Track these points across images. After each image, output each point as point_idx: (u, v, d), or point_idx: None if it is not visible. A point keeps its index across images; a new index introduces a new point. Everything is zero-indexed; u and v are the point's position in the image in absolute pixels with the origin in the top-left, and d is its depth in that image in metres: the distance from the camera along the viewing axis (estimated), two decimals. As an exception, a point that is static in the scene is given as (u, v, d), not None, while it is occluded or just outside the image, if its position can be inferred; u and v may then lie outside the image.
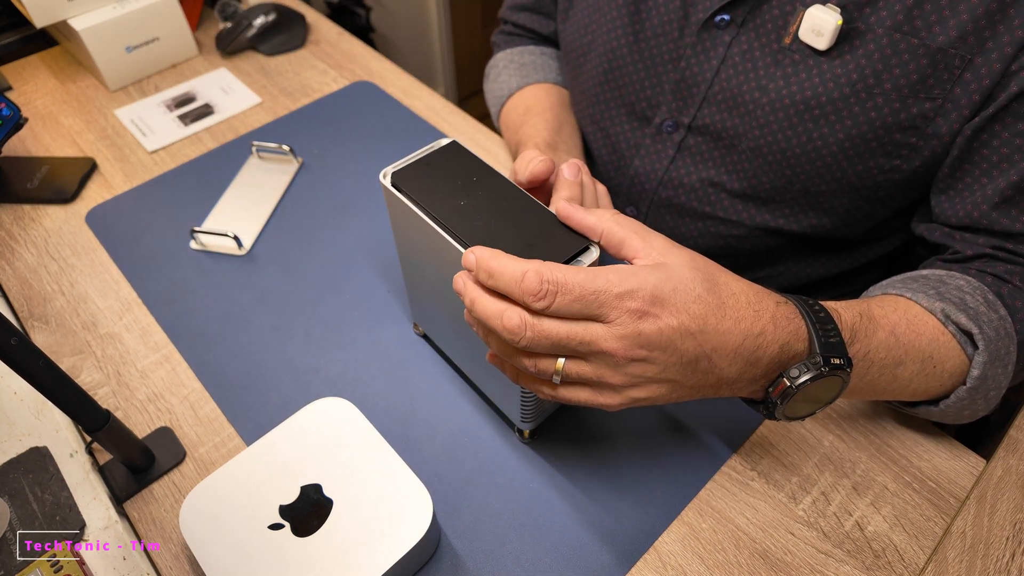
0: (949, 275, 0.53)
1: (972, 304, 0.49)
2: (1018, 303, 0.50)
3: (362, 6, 1.99)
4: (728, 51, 0.61)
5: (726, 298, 0.39)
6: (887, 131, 0.57)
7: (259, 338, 0.62)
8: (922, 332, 0.48)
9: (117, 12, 0.85)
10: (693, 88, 0.65)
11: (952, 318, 0.49)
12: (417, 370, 0.60)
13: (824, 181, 0.62)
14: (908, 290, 0.51)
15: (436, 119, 0.84)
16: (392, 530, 0.45)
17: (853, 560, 0.49)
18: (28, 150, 0.81)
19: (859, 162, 0.59)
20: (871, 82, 0.55)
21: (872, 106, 0.56)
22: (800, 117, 0.59)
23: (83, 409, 0.46)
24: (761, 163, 0.64)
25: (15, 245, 0.70)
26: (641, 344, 0.36)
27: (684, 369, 0.38)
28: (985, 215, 0.54)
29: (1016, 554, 0.48)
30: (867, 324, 0.45)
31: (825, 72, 0.57)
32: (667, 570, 0.49)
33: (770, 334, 0.39)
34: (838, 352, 0.40)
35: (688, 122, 0.67)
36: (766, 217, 0.68)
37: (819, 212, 0.66)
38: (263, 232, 0.71)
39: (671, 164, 0.70)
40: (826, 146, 0.59)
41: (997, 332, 0.49)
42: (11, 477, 0.51)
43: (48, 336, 0.62)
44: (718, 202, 0.69)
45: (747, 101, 0.62)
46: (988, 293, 0.50)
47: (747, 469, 0.53)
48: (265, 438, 0.50)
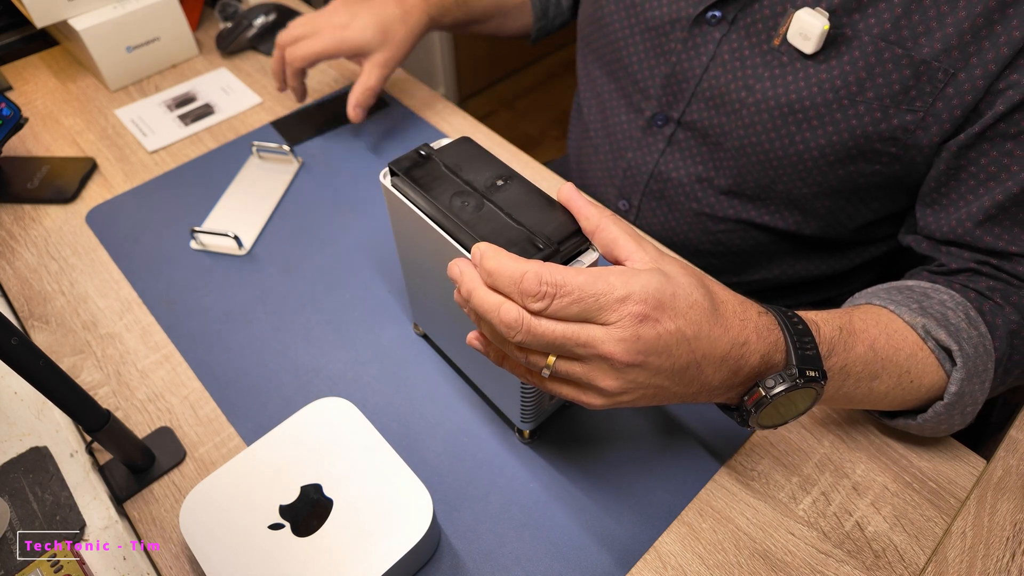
0: (934, 288, 0.53)
1: (953, 320, 0.49)
2: (998, 320, 0.50)
3: (362, 6, 1.99)
4: (718, 48, 0.62)
5: (718, 304, 0.39)
6: (867, 140, 0.57)
7: (259, 338, 0.62)
8: (901, 347, 0.48)
9: (117, 12, 0.85)
10: (683, 83, 0.65)
11: (932, 334, 0.49)
12: (417, 370, 0.60)
13: (805, 184, 0.62)
14: (892, 302, 0.51)
15: (436, 119, 0.84)
16: (392, 530, 0.45)
17: (853, 560, 0.49)
18: (28, 150, 0.81)
19: (839, 167, 0.60)
20: (854, 89, 0.55)
21: (854, 114, 0.56)
22: (784, 120, 0.59)
23: (83, 409, 0.46)
24: (745, 162, 0.64)
25: (15, 245, 0.70)
26: (640, 349, 0.36)
27: (674, 375, 0.38)
28: (969, 232, 0.54)
29: (1016, 554, 0.48)
30: (846, 338, 0.45)
31: (811, 76, 0.57)
32: (667, 570, 0.49)
33: (753, 344, 0.39)
34: (814, 365, 0.40)
35: (677, 117, 0.67)
36: (752, 214, 0.68)
37: (803, 212, 0.66)
38: (263, 232, 0.71)
39: (661, 158, 0.71)
40: (807, 150, 0.60)
41: (976, 349, 0.49)
42: (11, 477, 0.51)
43: (48, 336, 0.62)
44: (705, 198, 0.70)
45: (733, 100, 0.62)
46: (970, 309, 0.50)
47: (747, 469, 0.53)
48: (265, 438, 0.50)
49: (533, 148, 2.10)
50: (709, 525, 0.51)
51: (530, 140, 2.15)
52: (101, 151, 0.81)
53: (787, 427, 0.56)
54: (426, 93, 0.88)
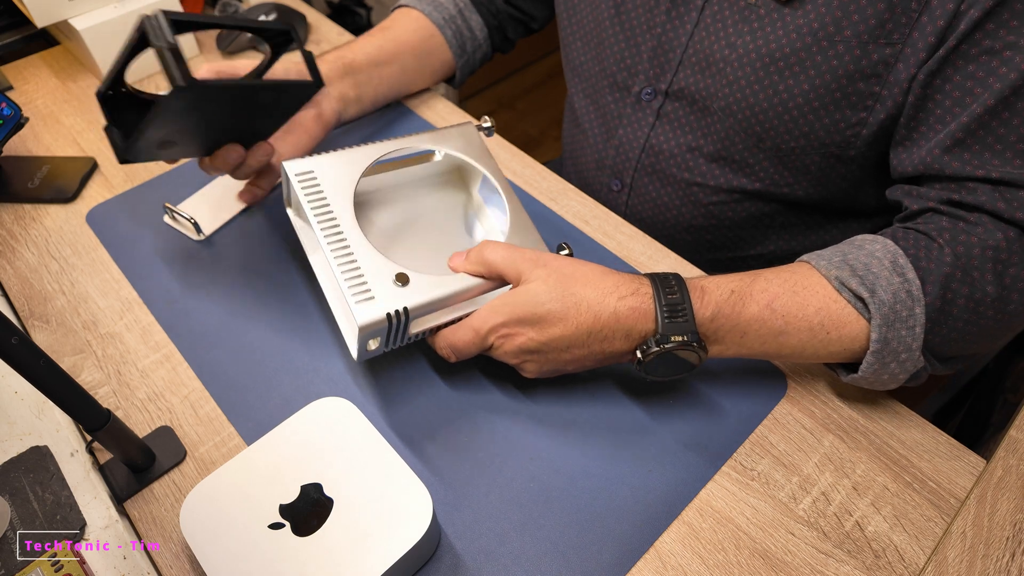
0: (871, 239, 0.53)
1: (875, 269, 0.50)
2: (931, 265, 0.50)
3: (363, 6, 1.99)
4: (701, 15, 0.63)
5: (569, 306, 0.50)
6: (850, 80, 0.57)
7: (259, 338, 0.62)
8: (808, 302, 0.51)
9: (118, 12, 0.85)
10: (669, 54, 0.66)
11: (846, 284, 0.50)
12: (417, 370, 0.60)
13: (792, 137, 0.63)
14: (817, 256, 0.53)
15: (436, 119, 0.84)
16: (392, 530, 0.45)
17: (853, 560, 0.49)
18: (29, 149, 0.81)
19: (825, 115, 0.60)
20: (831, 30, 0.56)
21: (834, 54, 0.57)
22: (766, 71, 0.60)
23: (84, 408, 0.46)
24: (732, 123, 0.65)
25: (16, 244, 0.71)
26: (517, 354, 0.52)
27: (560, 354, 0.52)
28: (937, 159, 0.54)
29: (1016, 554, 0.48)
30: (735, 300, 0.51)
31: (788, 24, 0.58)
32: (667, 570, 0.49)
33: (611, 326, 0.50)
34: (681, 330, 0.49)
35: (665, 88, 0.68)
36: (743, 181, 0.69)
37: (793, 172, 0.66)
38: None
39: (651, 132, 0.72)
40: (791, 99, 0.60)
41: (896, 296, 0.49)
42: (12, 476, 0.51)
43: (49, 335, 0.63)
44: (696, 167, 0.70)
45: (718, 60, 0.63)
46: (899, 256, 0.51)
47: (747, 469, 0.53)
48: (265, 438, 0.50)
49: (533, 148, 2.10)
50: (709, 525, 0.51)
51: (530, 140, 2.15)
52: (102, 151, 0.81)
53: (787, 427, 0.56)
54: (426, 93, 0.88)
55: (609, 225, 0.71)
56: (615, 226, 0.71)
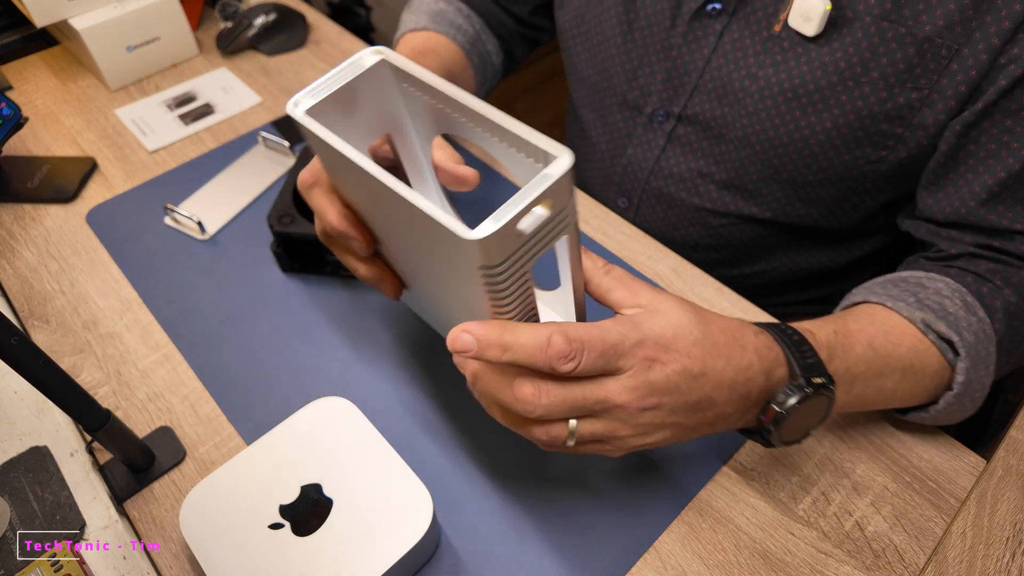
0: (929, 277, 0.53)
1: (951, 309, 0.50)
2: (996, 303, 0.51)
3: (363, 6, 1.99)
4: (719, 40, 0.62)
5: (717, 336, 0.40)
6: (873, 120, 0.57)
7: (259, 338, 0.62)
8: (900, 342, 0.49)
9: (118, 12, 0.85)
10: (684, 77, 0.65)
11: (932, 327, 0.50)
12: (417, 370, 0.60)
13: (811, 171, 0.62)
14: (888, 298, 0.52)
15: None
16: (392, 530, 0.45)
17: (853, 560, 0.49)
18: (29, 149, 0.81)
19: (845, 152, 0.59)
20: (858, 70, 0.55)
21: (859, 95, 0.56)
22: (788, 105, 0.59)
23: (83, 408, 0.46)
24: (748, 152, 0.64)
25: (15, 244, 0.70)
26: (651, 392, 0.37)
27: (688, 411, 0.39)
28: (972, 212, 0.54)
29: (1016, 554, 0.48)
30: (843, 340, 0.47)
31: (813, 59, 0.57)
32: (667, 570, 0.49)
33: (756, 365, 0.40)
34: (818, 371, 0.41)
35: (679, 111, 0.67)
36: (754, 209, 0.68)
37: (806, 203, 0.66)
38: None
39: (661, 154, 0.71)
40: (813, 135, 0.59)
41: (976, 336, 0.49)
42: (11, 476, 0.51)
43: (48, 335, 0.62)
44: (706, 192, 0.69)
45: (736, 89, 0.62)
46: (967, 295, 0.51)
47: (747, 469, 0.53)
48: (265, 438, 0.50)
49: (533, 148, 2.09)
50: (709, 525, 0.51)
51: (530, 140, 2.15)
52: (101, 151, 0.81)
53: (787, 427, 0.56)
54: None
55: (609, 225, 0.71)
56: (615, 226, 0.71)
